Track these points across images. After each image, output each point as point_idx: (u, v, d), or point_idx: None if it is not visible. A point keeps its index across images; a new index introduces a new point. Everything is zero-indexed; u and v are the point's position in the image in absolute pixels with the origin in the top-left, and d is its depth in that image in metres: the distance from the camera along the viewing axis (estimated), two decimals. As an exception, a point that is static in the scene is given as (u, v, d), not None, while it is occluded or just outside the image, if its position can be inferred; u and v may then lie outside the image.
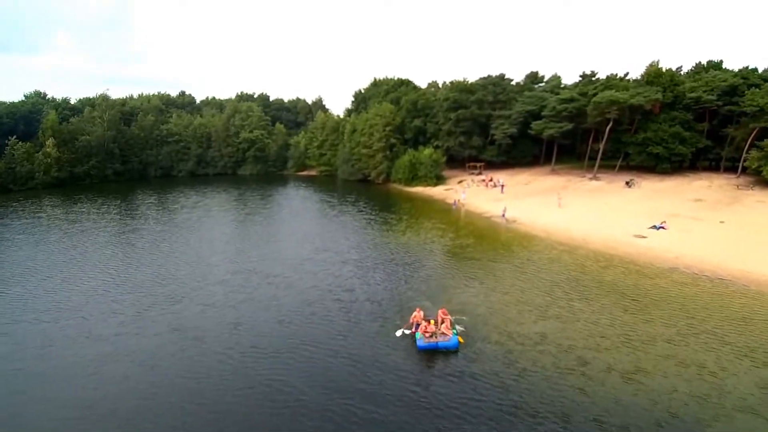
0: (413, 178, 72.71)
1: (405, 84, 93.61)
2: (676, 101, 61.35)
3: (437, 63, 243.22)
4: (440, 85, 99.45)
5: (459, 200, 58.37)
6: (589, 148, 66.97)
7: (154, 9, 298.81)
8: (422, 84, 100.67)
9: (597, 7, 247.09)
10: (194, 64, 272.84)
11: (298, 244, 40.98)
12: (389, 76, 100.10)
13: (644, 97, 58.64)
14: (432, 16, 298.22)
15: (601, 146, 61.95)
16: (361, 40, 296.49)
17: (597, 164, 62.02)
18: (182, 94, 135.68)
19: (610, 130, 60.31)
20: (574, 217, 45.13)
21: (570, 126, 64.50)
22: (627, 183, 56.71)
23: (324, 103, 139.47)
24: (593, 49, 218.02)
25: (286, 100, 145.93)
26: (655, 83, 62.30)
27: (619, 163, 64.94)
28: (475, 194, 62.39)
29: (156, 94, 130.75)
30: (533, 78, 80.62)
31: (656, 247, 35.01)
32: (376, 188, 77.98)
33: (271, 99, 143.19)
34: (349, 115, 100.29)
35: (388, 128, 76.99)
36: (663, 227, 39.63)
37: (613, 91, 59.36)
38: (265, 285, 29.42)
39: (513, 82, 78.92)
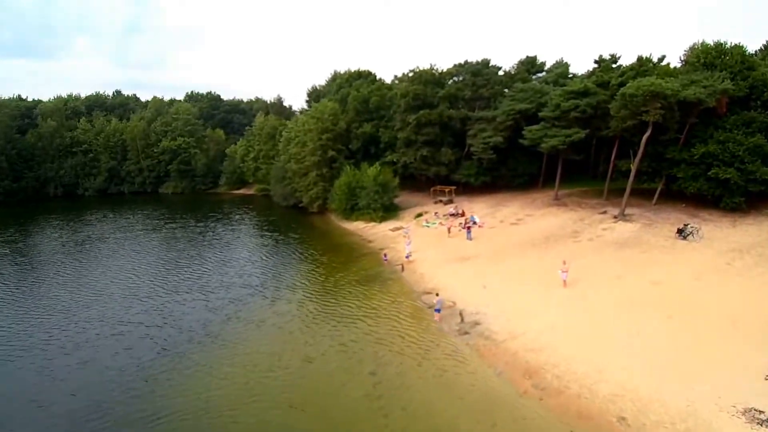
0: (353, 209, 50.04)
1: (363, 76, 70.82)
2: (752, 95, 38.44)
3: (425, 56, 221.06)
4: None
5: (400, 259, 35.69)
6: (612, 166, 43.98)
7: (171, 14, 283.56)
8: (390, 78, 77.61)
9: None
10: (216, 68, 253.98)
11: None
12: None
13: (704, 87, 35.68)
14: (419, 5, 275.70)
15: (633, 166, 38.99)
16: (351, 31, 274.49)
17: (626, 195, 38.93)
18: (117, 93, 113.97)
19: (648, 140, 37.33)
20: (595, 322, 22.36)
21: (582, 134, 41.66)
22: (680, 232, 33.56)
23: (287, 103, 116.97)
24: (601, 34, 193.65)
25: (245, 100, 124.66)
26: (717, 67, 39.28)
27: (659, 189, 41.85)
28: (434, 242, 39.69)
29: (94, 94, 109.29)
30: (530, 65, 57.70)
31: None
32: (308, 222, 55.57)
33: (227, 98, 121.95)
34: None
35: (325, 136, 54.43)
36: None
37: (655, 77, 36.41)
38: None
39: (501, 72, 56.05)
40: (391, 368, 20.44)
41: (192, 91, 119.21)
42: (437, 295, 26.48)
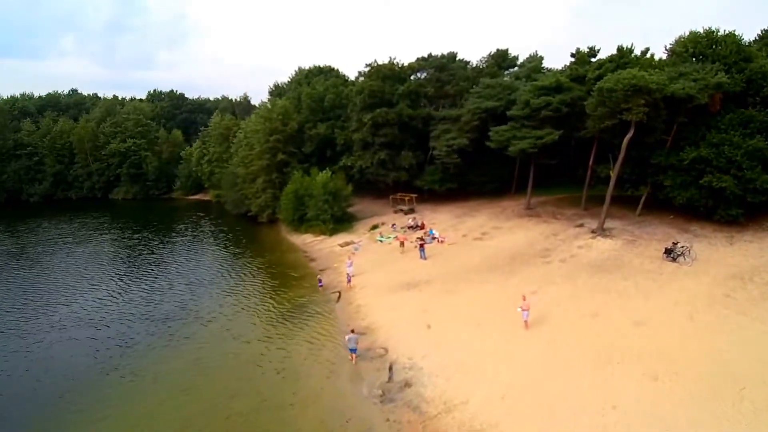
0: (301, 220, 44.16)
1: (324, 72, 65.04)
2: (749, 90, 33.37)
3: (413, 52, 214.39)
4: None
5: (339, 284, 29.97)
6: (589, 172, 38.69)
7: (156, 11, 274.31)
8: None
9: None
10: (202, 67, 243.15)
11: None
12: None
13: (695, 81, 30.53)
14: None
15: (613, 172, 33.64)
16: (345, 27, 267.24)
17: (606, 207, 33.54)
18: (72, 92, 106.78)
19: (630, 142, 31.99)
20: (559, 386, 16.87)
21: (556, 135, 36.30)
22: (668, 253, 28.21)
23: (256, 101, 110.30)
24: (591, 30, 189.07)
25: (211, 98, 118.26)
26: (709, 58, 34.17)
27: (643, 197, 36.62)
28: (383, 261, 34.05)
29: (50, 93, 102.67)
30: (501, 59, 52.27)
31: None
32: (255, 234, 49.59)
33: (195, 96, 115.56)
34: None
35: (273, 137, 48.46)
36: None
37: (637, 70, 31.12)
38: None
39: (470, 66, 50.61)
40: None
41: (155, 90, 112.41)
42: (352, 331, 21.14)
